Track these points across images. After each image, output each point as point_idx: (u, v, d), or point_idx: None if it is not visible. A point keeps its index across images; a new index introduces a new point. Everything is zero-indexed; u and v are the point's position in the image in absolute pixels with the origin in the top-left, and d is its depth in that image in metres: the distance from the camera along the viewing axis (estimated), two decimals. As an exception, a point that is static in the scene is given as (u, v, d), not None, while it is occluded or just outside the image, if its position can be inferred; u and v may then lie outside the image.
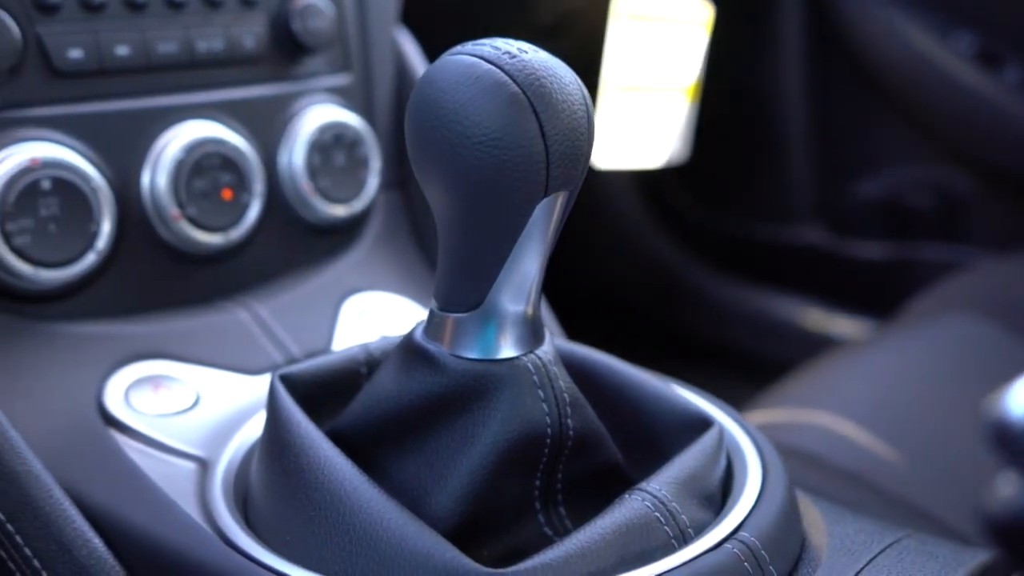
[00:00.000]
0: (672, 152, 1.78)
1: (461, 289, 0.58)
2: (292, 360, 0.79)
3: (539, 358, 0.59)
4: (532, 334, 0.60)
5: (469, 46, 0.55)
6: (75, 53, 0.75)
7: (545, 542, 0.62)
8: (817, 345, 1.92)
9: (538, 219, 0.55)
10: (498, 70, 0.53)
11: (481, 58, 0.53)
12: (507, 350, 0.59)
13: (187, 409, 0.71)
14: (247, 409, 0.71)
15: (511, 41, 0.55)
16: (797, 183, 2.02)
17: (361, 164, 0.91)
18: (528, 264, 0.57)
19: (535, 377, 0.59)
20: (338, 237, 0.92)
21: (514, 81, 0.52)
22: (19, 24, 0.72)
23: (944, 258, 1.93)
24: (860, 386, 1.25)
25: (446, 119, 0.53)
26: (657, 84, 1.68)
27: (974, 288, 1.57)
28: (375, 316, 0.86)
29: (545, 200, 0.54)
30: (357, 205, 0.91)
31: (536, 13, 1.62)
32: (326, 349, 0.81)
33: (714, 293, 2.11)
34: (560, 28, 1.63)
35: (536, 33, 1.62)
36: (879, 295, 1.94)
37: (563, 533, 0.63)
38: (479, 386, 0.58)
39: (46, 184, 0.71)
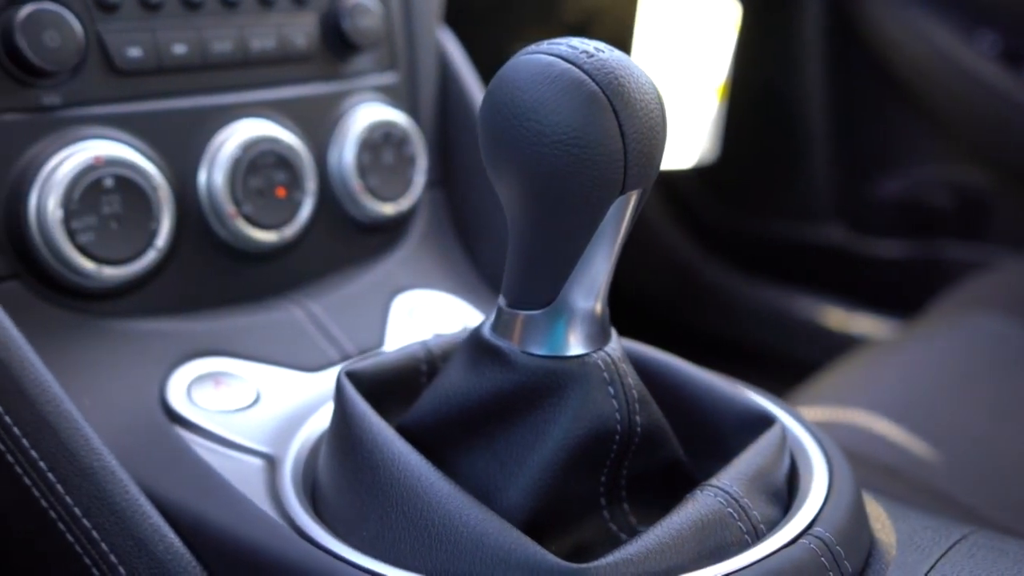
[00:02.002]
0: (702, 152, 1.79)
1: (533, 287, 0.58)
2: (347, 357, 0.79)
3: (609, 355, 0.60)
4: (600, 331, 0.60)
5: (544, 45, 0.55)
6: (134, 51, 0.75)
7: (610, 538, 0.63)
8: (837, 344, 1.92)
9: (612, 217, 0.55)
10: (576, 69, 0.53)
11: (559, 57, 0.53)
12: (576, 347, 0.59)
13: (249, 406, 0.71)
14: (307, 405, 0.72)
15: (586, 40, 0.55)
16: (818, 182, 2.03)
17: (408, 162, 0.91)
18: (600, 262, 0.57)
19: (605, 374, 0.59)
20: (385, 235, 0.92)
21: (593, 80, 0.53)
22: (82, 23, 0.72)
23: (965, 257, 1.93)
24: (893, 384, 1.26)
25: (524, 117, 0.53)
26: (686, 84, 1.68)
27: (997, 287, 1.57)
28: (424, 313, 0.87)
29: (620, 198, 0.55)
30: (404, 203, 0.91)
31: (563, 12, 1.62)
32: (379, 346, 0.81)
33: (734, 292, 2.11)
34: (587, 27, 1.63)
35: (563, 32, 1.62)
36: (900, 294, 1.95)
37: (627, 529, 0.63)
38: (550, 383, 0.59)
39: (109, 182, 0.72)
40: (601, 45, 0.55)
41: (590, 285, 0.58)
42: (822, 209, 2.03)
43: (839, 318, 2.02)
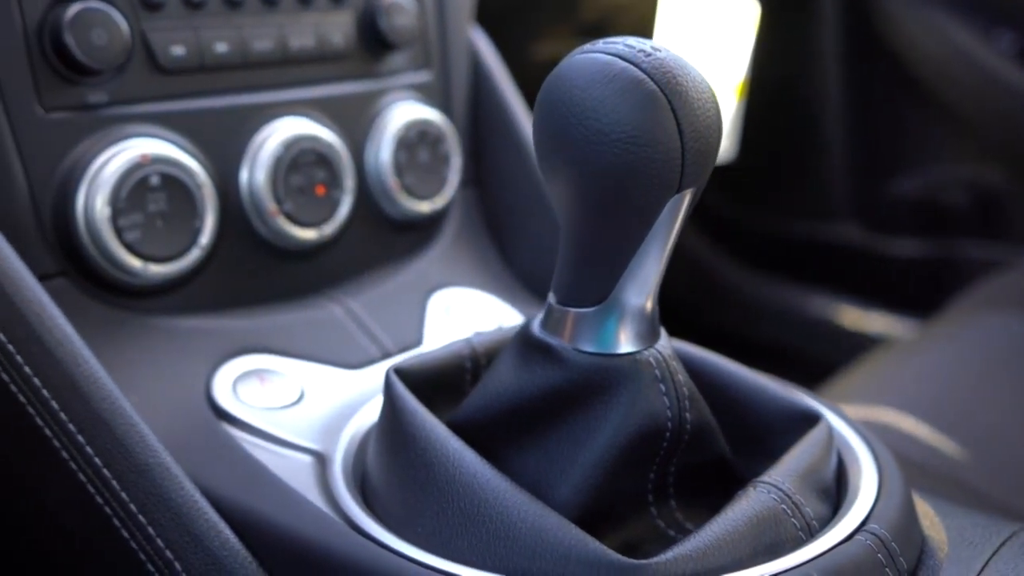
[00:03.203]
0: (721, 151, 1.79)
1: (586, 284, 0.59)
2: (388, 354, 0.79)
3: (660, 353, 0.60)
4: (651, 329, 0.61)
5: (600, 44, 0.55)
6: (178, 50, 0.76)
7: (658, 535, 0.63)
8: (853, 343, 1.92)
9: (667, 215, 0.56)
10: (635, 68, 0.53)
11: (617, 56, 0.54)
12: (627, 345, 0.59)
13: (294, 403, 0.71)
14: (352, 402, 0.72)
15: (642, 40, 0.56)
16: (834, 180, 2.03)
17: (443, 161, 0.91)
18: (653, 260, 0.58)
19: (657, 371, 0.59)
20: (419, 233, 0.93)
21: (651, 79, 0.53)
22: (128, 21, 0.72)
23: (981, 256, 1.93)
24: (917, 383, 1.26)
25: (583, 116, 0.53)
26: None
27: (1018, 286, 1.57)
28: (460, 311, 0.87)
29: (676, 196, 0.55)
30: (439, 202, 0.91)
31: (583, 11, 1.62)
32: (418, 344, 0.82)
33: (750, 290, 2.12)
34: (606, 25, 1.63)
35: (582, 30, 1.63)
36: (916, 293, 1.95)
37: (674, 526, 0.63)
38: (602, 380, 0.59)
39: (155, 180, 0.72)
40: (657, 44, 0.55)
41: (642, 283, 0.58)
42: (838, 207, 2.03)
43: (855, 317, 2.02)
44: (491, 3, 1.16)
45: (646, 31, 1.63)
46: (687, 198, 0.56)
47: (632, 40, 0.55)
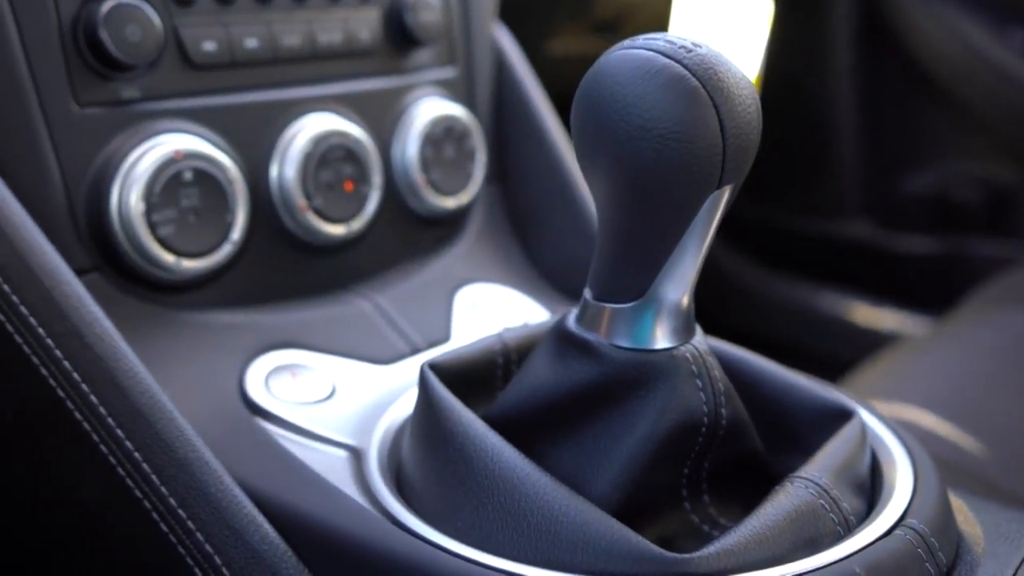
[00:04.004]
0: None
1: (624, 280, 0.59)
2: (416, 350, 0.80)
3: (696, 348, 0.60)
4: (686, 325, 0.61)
5: (641, 40, 0.55)
6: (209, 45, 0.76)
7: (692, 530, 0.63)
8: (865, 340, 1.92)
9: (706, 211, 0.56)
10: (677, 64, 0.53)
11: (658, 52, 0.54)
12: (664, 340, 0.59)
13: (326, 398, 0.71)
14: (384, 398, 0.72)
15: (682, 36, 0.56)
16: (845, 177, 2.03)
17: (468, 157, 0.91)
18: (691, 255, 0.58)
19: (693, 367, 0.60)
20: (444, 229, 0.93)
21: (693, 75, 0.53)
22: (160, 17, 0.72)
23: (993, 253, 1.93)
24: (934, 380, 1.26)
25: (624, 112, 0.53)
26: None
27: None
28: (486, 307, 0.87)
29: (715, 192, 0.55)
30: (464, 197, 0.92)
31: (598, 7, 1.62)
32: (445, 339, 0.82)
33: (761, 287, 2.12)
34: (621, 21, 1.63)
35: (598, 25, 1.63)
36: (927, 290, 1.95)
37: (708, 521, 0.64)
38: (639, 376, 0.59)
39: (188, 175, 0.72)
40: (697, 40, 0.55)
41: (680, 278, 0.58)
42: (850, 204, 2.03)
43: (867, 314, 2.02)
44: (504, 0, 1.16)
45: (661, 27, 1.63)
46: (726, 194, 0.56)
47: (673, 36, 0.55)
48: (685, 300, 0.60)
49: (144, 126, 0.73)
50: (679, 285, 0.59)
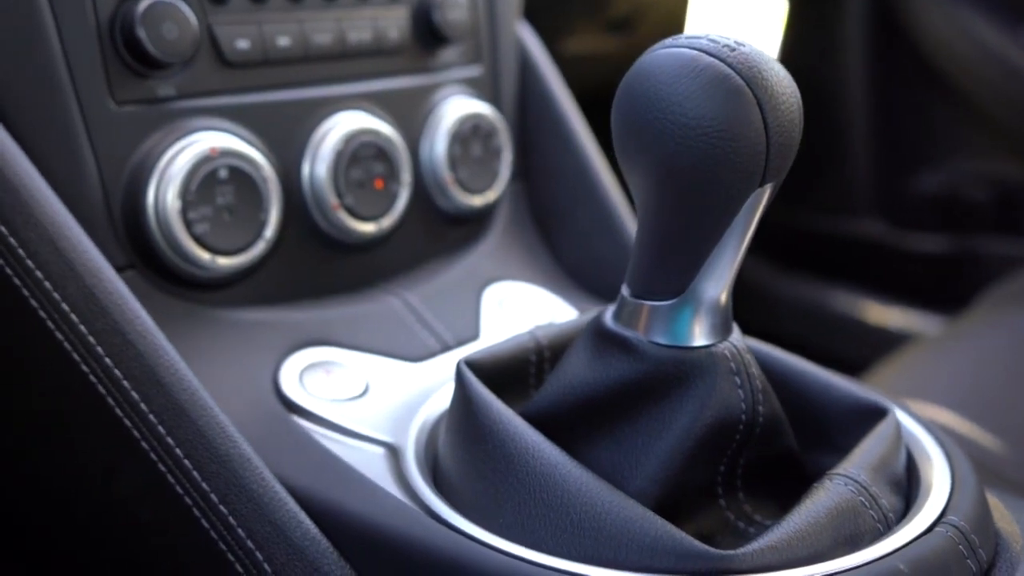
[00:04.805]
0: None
1: (664, 278, 0.59)
2: (447, 347, 0.80)
3: (734, 346, 0.60)
4: (724, 323, 0.61)
5: (683, 39, 0.56)
6: (242, 44, 0.76)
7: (728, 527, 0.63)
8: (876, 339, 1.93)
9: (748, 209, 0.56)
10: (721, 63, 0.53)
11: (702, 51, 0.54)
12: (702, 338, 0.60)
13: (360, 395, 0.72)
14: (418, 395, 0.72)
15: (724, 35, 0.56)
16: (856, 176, 2.03)
17: (495, 155, 0.92)
18: (731, 253, 0.58)
19: (732, 364, 0.60)
20: (470, 227, 0.93)
21: (738, 74, 0.53)
22: (196, 15, 0.73)
23: (1004, 252, 1.93)
24: (950, 378, 1.26)
25: (668, 111, 0.53)
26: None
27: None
28: (514, 304, 0.87)
29: (757, 190, 0.55)
30: (491, 195, 0.92)
31: (613, 4, 1.62)
32: (475, 337, 0.82)
33: (772, 286, 2.12)
34: (635, 19, 1.64)
35: (612, 24, 1.63)
36: (938, 289, 1.95)
37: (744, 518, 0.64)
38: (677, 373, 0.59)
39: (223, 173, 0.72)
40: (740, 39, 0.56)
41: (719, 276, 0.59)
42: (861, 203, 2.04)
43: (877, 313, 2.02)
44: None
45: (676, 25, 1.63)
46: (768, 191, 0.57)
47: (715, 35, 0.56)
48: (724, 298, 0.60)
49: (180, 124, 0.73)
50: (718, 283, 0.59)
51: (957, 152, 1.97)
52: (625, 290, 0.61)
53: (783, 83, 0.55)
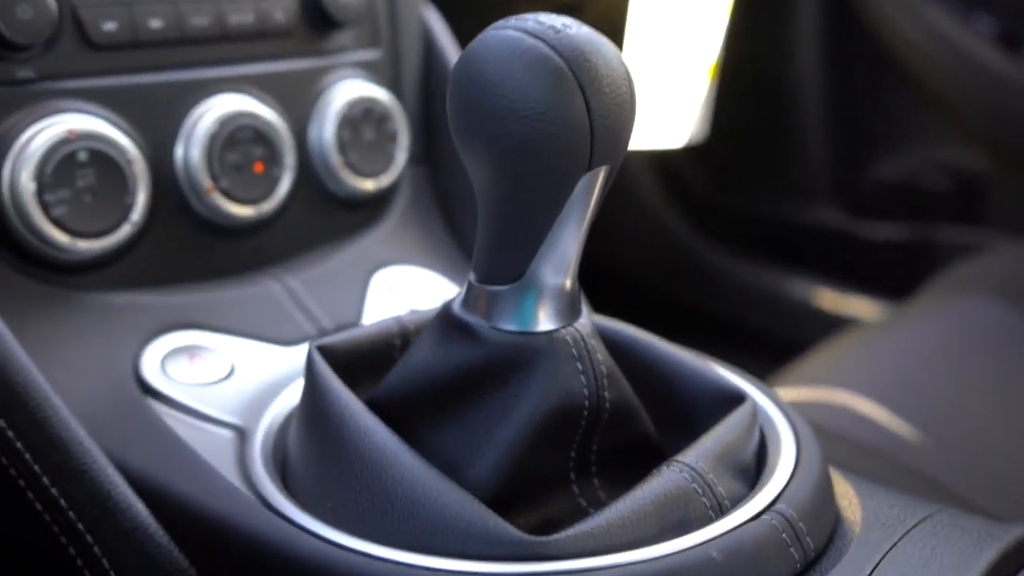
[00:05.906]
0: (692, 132, 1.78)
1: (501, 262, 0.59)
2: (324, 332, 0.79)
3: (577, 331, 0.60)
4: (570, 307, 0.60)
5: (513, 21, 0.55)
6: (109, 25, 0.75)
7: (579, 513, 0.63)
8: (831, 325, 1.92)
9: (580, 193, 0.56)
10: (543, 44, 0.53)
11: (526, 32, 0.53)
12: (545, 323, 0.59)
13: (223, 379, 0.71)
14: (282, 379, 0.72)
15: (555, 16, 0.55)
16: (813, 163, 2.02)
17: (390, 139, 0.91)
18: (569, 238, 0.58)
19: (573, 350, 0.59)
20: (366, 211, 0.92)
21: (559, 55, 0.53)
22: None
23: (960, 240, 1.93)
24: (879, 366, 1.26)
25: (491, 92, 0.53)
26: (678, 62, 1.68)
27: (991, 270, 1.57)
28: (404, 290, 0.87)
29: (588, 174, 0.55)
30: (385, 180, 0.91)
31: (558, -10, 1.61)
32: (356, 322, 0.82)
33: (728, 272, 2.11)
34: (582, 4, 1.62)
35: (558, 8, 1.62)
36: (894, 276, 1.94)
37: (597, 504, 0.63)
38: (518, 358, 0.59)
39: (83, 156, 0.72)
40: (569, 21, 0.55)
41: (559, 261, 0.58)
42: (817, 190, 2.03)
43: (833, 300, 2.02)
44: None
45: (620, 10, 1.62)
46: (601, 176, 0.56)
47: (544, 16, 0.55)
48: (568, 283, 0.60)
49: (40, 106, 0.72)
50: (559, 267, 0.58)
51: (915, 140, 1.96)
52: (471, 276, 0.61)
53: (610, 66, 0.54)
